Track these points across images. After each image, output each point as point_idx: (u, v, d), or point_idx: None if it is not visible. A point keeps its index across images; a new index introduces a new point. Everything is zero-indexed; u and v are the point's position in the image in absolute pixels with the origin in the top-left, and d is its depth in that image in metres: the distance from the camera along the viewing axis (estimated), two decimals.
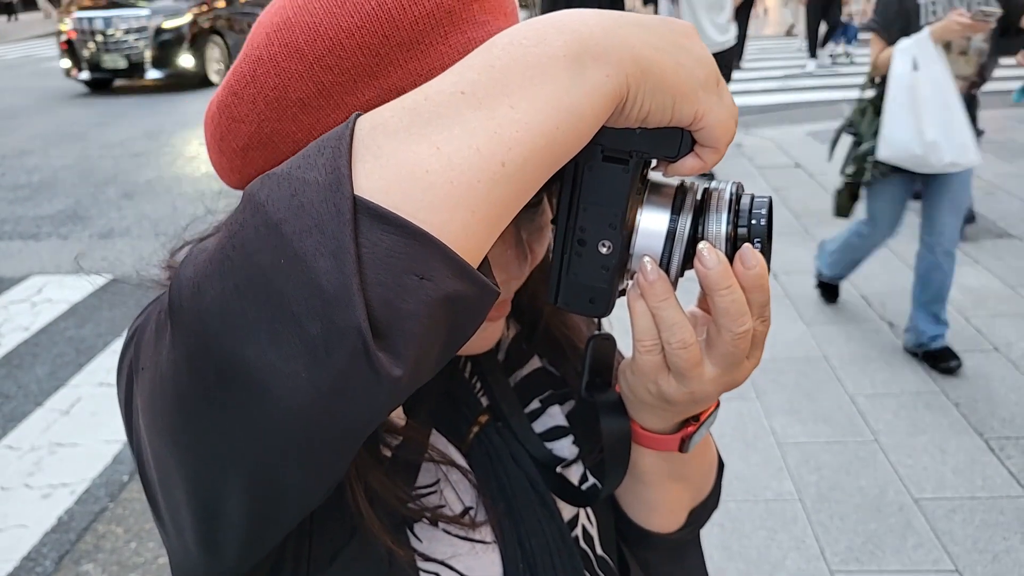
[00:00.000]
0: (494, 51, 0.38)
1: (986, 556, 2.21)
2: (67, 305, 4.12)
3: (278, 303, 0.32)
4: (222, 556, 0.45)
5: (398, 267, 0.32)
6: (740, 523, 2.37)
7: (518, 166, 0.36)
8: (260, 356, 0.32)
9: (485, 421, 0.61)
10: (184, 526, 0.45)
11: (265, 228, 0.33)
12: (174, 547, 0.50)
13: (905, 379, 3.05)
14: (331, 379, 0.32)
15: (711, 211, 0.46)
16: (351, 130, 0.35)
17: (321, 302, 0.32)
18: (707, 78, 0.42)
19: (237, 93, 0.47)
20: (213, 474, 0.39)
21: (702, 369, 0.49)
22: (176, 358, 0.36)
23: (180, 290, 0.35)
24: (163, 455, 0.42)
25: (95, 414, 3.11)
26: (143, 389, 0.41)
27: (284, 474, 0.38)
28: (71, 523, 2.54)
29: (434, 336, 0.34)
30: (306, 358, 0.32)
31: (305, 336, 0.32)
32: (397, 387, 0.33)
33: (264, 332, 0.32)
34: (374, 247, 0.32)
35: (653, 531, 0.68)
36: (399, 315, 0.32)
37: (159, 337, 0.38)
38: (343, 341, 0.31)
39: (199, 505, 0.42)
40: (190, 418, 0.37)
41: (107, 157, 7.26)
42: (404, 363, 0.33)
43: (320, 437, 0.35)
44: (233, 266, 0.33)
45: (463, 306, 0.35)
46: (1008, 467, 2.55)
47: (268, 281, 0.32)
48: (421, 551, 0.55)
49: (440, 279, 0.33)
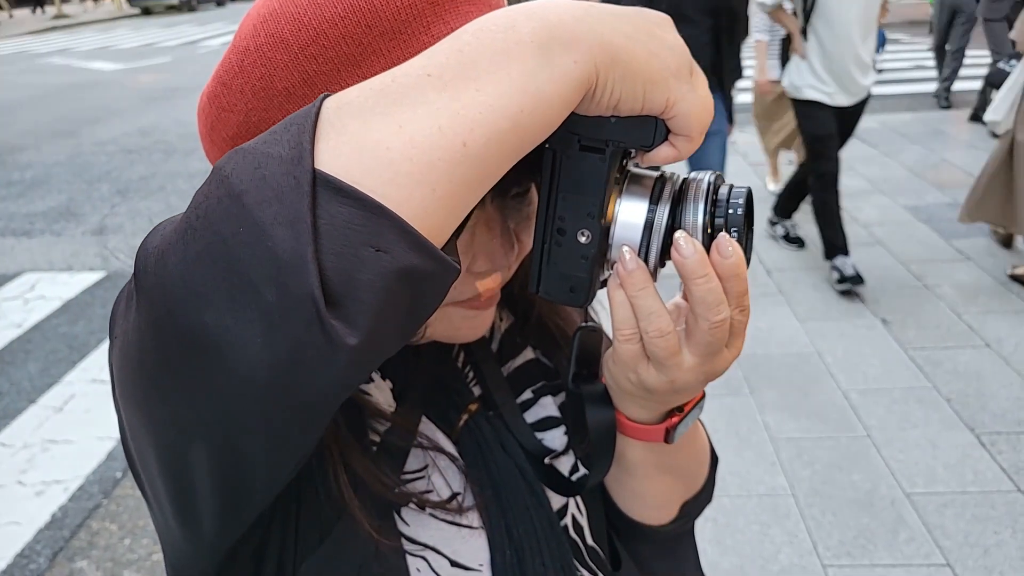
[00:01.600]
0: (463, 36, 0.38)
1: (977, 550, 2.23)
2: (60, 302, 4.11)
3: (237, 270, 0.33)
4: (199, 529, 0.46)
5: (355, 239, 0.33)
6: (733, 518, 2.38)
7: (480, 147, 0.36)
8: (218, 322, 0.33)
9: (476, 409, 0.62)
10: (162, 498, 0.46)
11: (228, 198, 0.34)
12: (160, 525, 0.51)
13: (897, 375, 3.07)
14: (286, 345, 0.33)
15: (688, 201, 0.47)
16: (318, 109, 0.36)
17: (276, 269, 0.32)
18: (679, 67, 0.42)
19: (226, 83, 0.48)
20: (180, 442, 0.40)
21: (680, 358, 0.49)
22: (141, 325, 0.36)
23: (145, 258, 0.36)
24: (135, 425, 0.43)
25: (88, 411, 3.11)
26: (115, 358, 0.42)
27: (248, 444, 0.38)
28: (65, 520, 2.53)
29: (392, 308, 0.35)
30: (262, 324, 0.33)
31: (261, 303, 0.32)
32: (353, 357, 0.34)
33: (223, 298, 0.33)
34: (332, 219, 0.33)
35: (644, 523, 0.68)
36: (354, 285, 0.33)
37: (128, 306, 0.39)
38: (297, 308, 0.32)
39: (171, 475, 0.43)
40: (155, 385, 0.38)
41: (100, 153, 7.24)
42: (359, 332, 0.33)
43: (281, 406, 0.36)
44: (196, 234, 0.34)
45: (422, 281, 0.35)
46: (999, 462, 2.56)
47: (228, 249, 0.33)
48: (408, 535, 0.56)
49: (397, 252, 0.34)
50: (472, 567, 0.57)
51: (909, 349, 3.24)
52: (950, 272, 3.81)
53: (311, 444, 0.42)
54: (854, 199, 4.96)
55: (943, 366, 3.10)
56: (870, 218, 4.68)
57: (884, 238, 4.35)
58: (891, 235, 4.40)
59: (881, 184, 5.21)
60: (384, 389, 0.59)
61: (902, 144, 5.85)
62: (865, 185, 5.24)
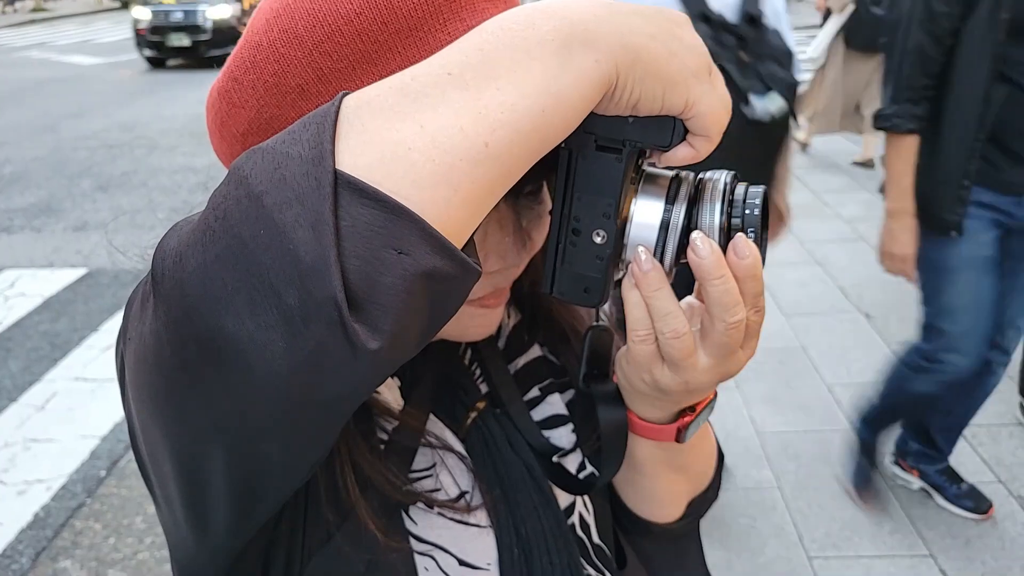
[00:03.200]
0: (483, 35, 0.38)
1: (959, 541, 2.26)
2: (41, 299, 4.05)
3: (257, 273, 0.32)
4: (211, 530, 0.46)
5: (377, 241, 0.33)
6: (721, 512, 2.40)
7: (502, 148, 0.36)
8: (238, 325, 0.33)
9: (483, 407, 0.62)
10: (173, 500, 0.45)
11: (247, 199, 0.33)
12: (168, 523, 0.51)
13: (881, 368, 3.10)
14: (308, 350, 0.32)
15: (705, 201, 0.46)
16: (337, 108, 0.35)
17: (298, 273, 0.32)
18: (699, 67, 0.42)
19: (237, 79, 0.47)
20: (196, 446, 0.40)
21: (695, 359, 0.49)
22: (158, 328, 0.36)
23: (163, 260, 0.35)
24: (149, 426, 0.42)
25: (71, 409, 3.07)
26: (129, 360, 0.41)
27: (265, 447, 0.38)
28: (48, 519, 2.50)
29: (414, 311, 0.34)
30: (283, 328, 0.32)
31: (282, 306, 0.32)
32: (375, 360, 0.33)
33: (243, 302, 0.32)
34: (353, 220, 0.33)
35: (652, 521, 0.68)
36: (377, 288, 0.33)
37: (143, 308, 0.38)
38: (319, 312, 0.32)
39: (185, 477, 0.42)
40: (172, 388, 0.37)
41: (81, 149, 7.14)
42: (381, 336, 0.33)
43: (300, 410, 0.35)
44: (215, 236, 0.33)
45: (443, 283, 0.35)
46: (980, 454, 2.60)
47: (248, 251, 0.32)
48: (416, 534, 0.55)
49: (419, 254, 0.33)
50: (480, 566, 0.57)
51: (892, 343, 3.28)
52: None
53: (327, 446, 0.41)
54: (837, 195, 5.00)
55: None
56: (853, 214, 4.72)
57: (867, 234, 4.39)
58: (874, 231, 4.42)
59: (864, 181, 5.26)
60: (392, 387, 0.59)
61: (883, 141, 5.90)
62: (849, 181, 5.29)
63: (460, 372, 0.63)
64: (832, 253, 4.19)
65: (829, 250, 4.23)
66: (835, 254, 4.16)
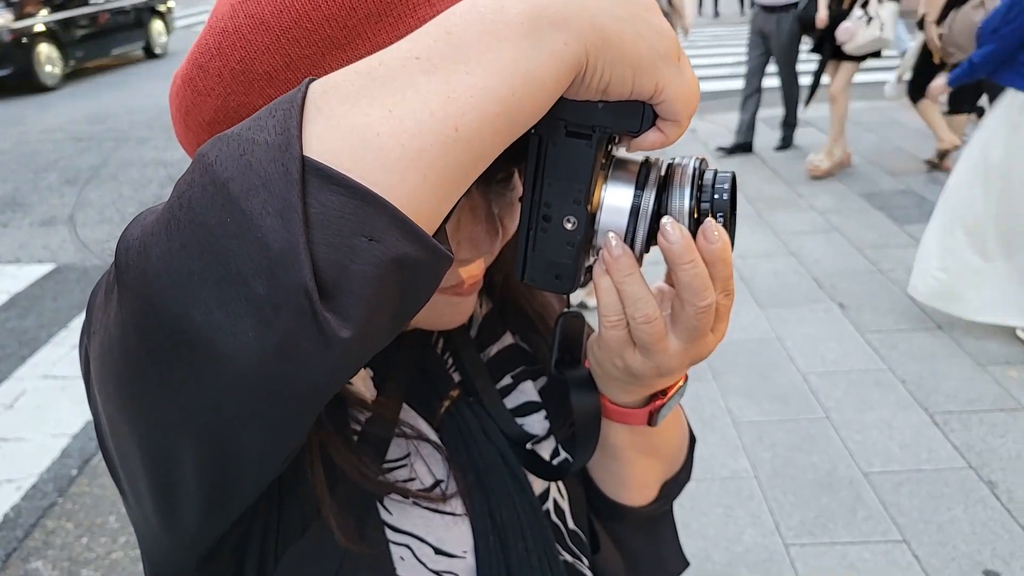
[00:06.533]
0: (452, 18, 0.37)
1: (931, 526, 2.30)
2: (7, 296, 3.97)
3: (224, 262, 0.31)
4: (181, 526, 0.45)
5: (346, 228, 0.32)
6: (697, 501, 2.42)
7: (472, 131, 0.35)
8: (206, 315, 0.32)
9: (457, 396, 0.61)
10: (143, 496, 0.44)
11: (212, 187, 0.32)
12: (138, 520, 0.50)
13: (855, 358, 3.15)
14: (278, 339, 0.32)
15: (674, 186, 0.47)
16: (304, 93, 0.35)
17: (267, 261, 0.31)
18: (667, 50, 0.42)
19: (202, 66, 0.46)
20: (165, 439, 0.39)
21: (667, 343, 0.49)
22: (123, 319, 0.35)
23: (127, 250, 0.34)
24: (116, 420, 0.41)
25: (40, 408, 3.02)
26: (94, 352, 0.40)
27: (236, 439, 0.37)
28: (18, 520, 2.46)
29: (385, 299, 0.34)
30: (252, 317, 0.31)
31: (251, 295, 0.31)
32: (346, 349, 0.33)
33: (211, 291, 0.32)
34: (322, 207, 0.32)
35: (625, 504, 0.68)
36: (347, 276, 0.32)
37: (108, 299, 0.37)
38: (289, 300, 0.31)
39: (155, 472, 0.41)
40: (139, 380, 0.37)
41: (47, 141, 7.00)
42: (353, 325, 0.32)
43: (271, 400, 0.35)
44: (180, 225, 0.32)
45: (415, 270, 0.34)
46: (952, 440, 2.65)
47: (214, 240, 0.32)
48: (391, 524, 0.55)
49: (390, 241, 0.33)
50: (456, 554, 0.57)
51: (865, 333, 3.33)
52: (904, 257, 3.91)
53: (301, 438, 0.41)
54: (811, 186, 5.06)
55: (898, 348, 3.19)
56: (826, 205, 4.78)
57: (840, 225, 4.45)
58: (847, 222, 4.50)
59: (837, 171, 5.32)
60: (365, 378, 0.58)
61: (857, 132, 5.97)
62: None
63: (433, 361, 0.62)
64: (806, 244, 4.23)
65: (803, 241, 4.28)
66: (809, 245, 4.21)
